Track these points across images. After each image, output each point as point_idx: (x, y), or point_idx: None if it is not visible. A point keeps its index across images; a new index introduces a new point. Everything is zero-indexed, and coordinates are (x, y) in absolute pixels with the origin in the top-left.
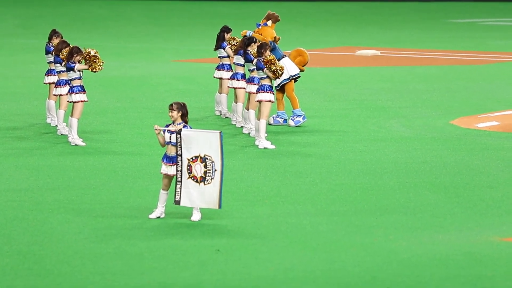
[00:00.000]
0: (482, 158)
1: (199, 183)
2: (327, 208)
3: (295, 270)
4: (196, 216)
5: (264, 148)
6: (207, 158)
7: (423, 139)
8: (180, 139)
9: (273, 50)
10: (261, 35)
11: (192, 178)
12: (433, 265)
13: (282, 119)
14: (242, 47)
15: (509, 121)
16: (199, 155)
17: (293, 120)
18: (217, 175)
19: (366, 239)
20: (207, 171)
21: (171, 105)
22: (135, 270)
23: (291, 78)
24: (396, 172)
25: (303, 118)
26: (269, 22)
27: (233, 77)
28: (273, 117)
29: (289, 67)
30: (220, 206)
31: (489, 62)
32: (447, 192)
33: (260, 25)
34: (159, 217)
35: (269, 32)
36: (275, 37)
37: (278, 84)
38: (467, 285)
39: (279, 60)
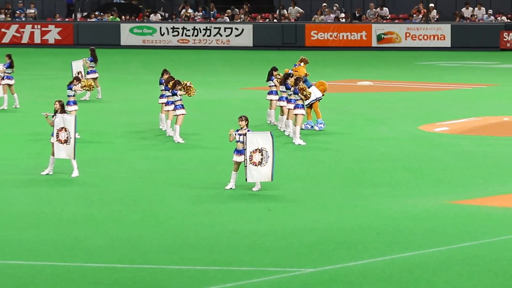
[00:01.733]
0: (438, 151)
1: (257, 166)
2: (338, 183)
3: (319, 222)
4: (256, 188)
5: (298, 144)
6: (263, 150)
7: (401, 138)
8: (246, 139)
9: (305, 81)
10: (297, 72)
11: (253, 164)
12: (406, 219)
13: (310, 126)
14: (285, 79)
15: (455, 127)
16: (258, 148)
17: (317, 126)
18: (270, 160)
19: (364, 202)
20: (263, 158)
21: (241, 117)
22: (216, 221)
23: (316, 99)
24: (382, 161)
25: (324, 125)
26: (302, 63)
27: (280, 99)
28: (304, 125)
29: (315, 92)
30: (272, 179)
31: (444, 89)
32: (416, 173)
33: (296, 65)
34: (231, 188)
35: (302, 70)
36: (306, 74)
37: (308, 103)
38: (428, 231)
39: (309, 87)
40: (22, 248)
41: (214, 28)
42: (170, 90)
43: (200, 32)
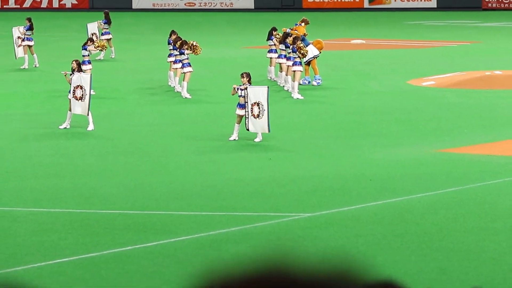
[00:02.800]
0: (424, 103)
1: (256, 118)
2: (334, 134)
3: (316, 170)
4: (258, 139)
5: (297, 98)
6: (259, 103)
7: (390, 92)
8: (247, 93)
9: (303, 40)
10: (296, 31)
11: (253, 116)
12: (396, 166)
13: (308, 81)
14: (284, 39)
15: (441, 81)
16: (256, 102)
17: (315, 81)
18: (265, 113)
19: (357, 152)
20: (260, 111)
21: (243, 73)
22: (220, 170)
23: (314, 56)
24: (373, 113)
25: (321, 81)
26: (303, 24)
27: (279, 57)
28: (302, 80)
29: (313, 50)
30: (269, 130)
31: (430, 46)
32: (405, 124)
33: (297, 24)
34: (235, 139)
35: (301, 30)
36: (305, 33)
37: (306, 60)
38: (417, 178)
39: (306, 46)
40: (42, 196)
41: None
42: (178, 50)
43: None
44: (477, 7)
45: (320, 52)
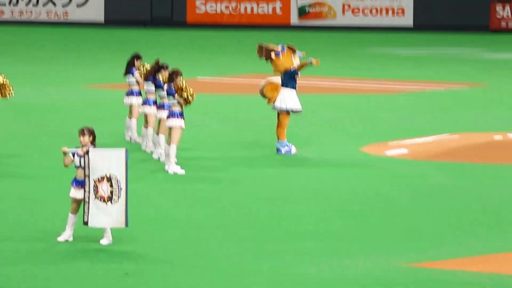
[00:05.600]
0: (391, 186)
1: (106, 203)
2: (236, 234)
3: None
4: (105, 240)
5: (174, 173)
6: (112, 178)
7: (333, 166)
8: (88, 160)
9: (290, 78)
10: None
11: (99, 198)
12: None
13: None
14: (152, 74)
15: (417, 148)
16: (105, 175)
17: (283, 148)
18: (123, 193)
19: (274, 264)
20: (113, 191)
21: (82, 130)
22: None
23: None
24: (305, 199)
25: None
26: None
27: (144, 103)
28: (284, 148)
29: (292, 99)
30: (127, 224)
31: (398, 91)
32: (356, 219)
33: (283, 50)
34: (67, 240)
35: (286, 60)
36: (291, 68)
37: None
38: None
39: (292, 87)
40: None
41: None
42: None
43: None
44: (483, 26)
45: (273, 103)
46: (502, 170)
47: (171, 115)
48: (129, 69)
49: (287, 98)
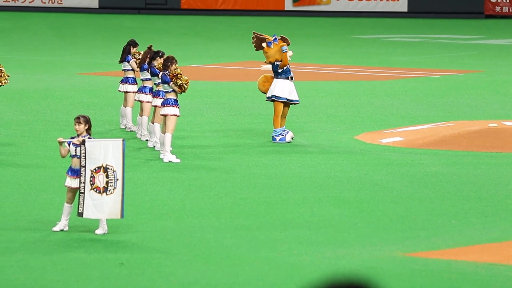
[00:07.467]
0: (386, 174)
1: (101, 194)
2: (231, 222)
3: (199, 284)
4: (100, 230)
5: (169, 161)
6: (108, 168)
7: (328, 153)
8: (85, 150)
9: (282, 72)
10: (267, 52)
11: (95, 189)
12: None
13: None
14: (145, 60)
15: (412, 136)
16: (102, 165)
17: (277, 136)
18: (119, 184)
19: (270, 253)
20: (109, 181)
21: (78, 118)
22: (38, 283)
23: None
24: (300, 187)
25: (286, 137)
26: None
27: (139, 91)
28: (279, 136)
29: (289, 88)
30: (122, 215)
31: (393, 78)
32: (351, 207)
33: (271, 42)
34: (62, 230)
35: (275, 51)
36: (277, 59)
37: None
38: None
39: (288, 77)
40: None
41: None
42: None
43: None
44: (477, 12)
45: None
46: (498, 158)
47: (165, 103)
48: (124, 57)
49: (276, 88)
